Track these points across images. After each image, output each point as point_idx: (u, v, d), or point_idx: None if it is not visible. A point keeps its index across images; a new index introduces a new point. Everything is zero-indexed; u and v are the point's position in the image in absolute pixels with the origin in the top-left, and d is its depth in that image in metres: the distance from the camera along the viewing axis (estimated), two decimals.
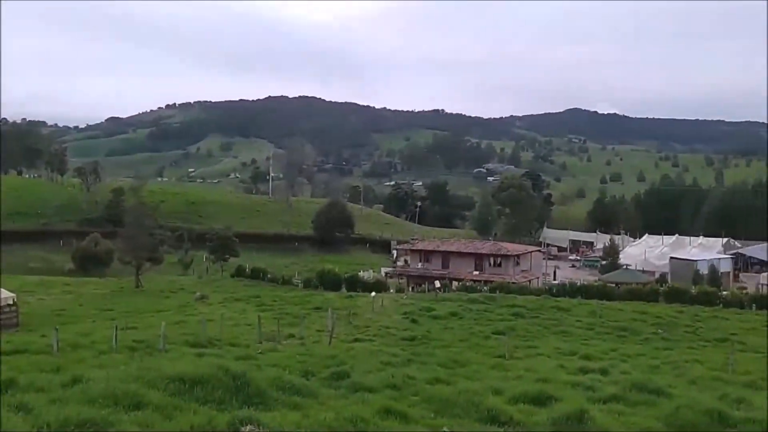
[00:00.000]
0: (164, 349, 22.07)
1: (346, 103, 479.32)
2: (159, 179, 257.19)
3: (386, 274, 68.33)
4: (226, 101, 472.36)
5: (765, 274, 75.70)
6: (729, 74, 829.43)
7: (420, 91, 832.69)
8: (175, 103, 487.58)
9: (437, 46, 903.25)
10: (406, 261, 75.25)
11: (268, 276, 63.06)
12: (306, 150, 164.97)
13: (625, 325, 37.65)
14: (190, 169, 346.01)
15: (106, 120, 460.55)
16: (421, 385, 11.94)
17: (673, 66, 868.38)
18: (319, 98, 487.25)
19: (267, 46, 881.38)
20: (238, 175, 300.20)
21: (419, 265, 69.23)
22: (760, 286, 65.85)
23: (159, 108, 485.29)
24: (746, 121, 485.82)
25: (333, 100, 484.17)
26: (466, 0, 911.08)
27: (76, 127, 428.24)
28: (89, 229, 78.85)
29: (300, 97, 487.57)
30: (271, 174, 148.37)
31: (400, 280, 64.35)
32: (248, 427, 7.34)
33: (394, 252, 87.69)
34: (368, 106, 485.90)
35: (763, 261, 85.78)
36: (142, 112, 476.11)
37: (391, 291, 54.18)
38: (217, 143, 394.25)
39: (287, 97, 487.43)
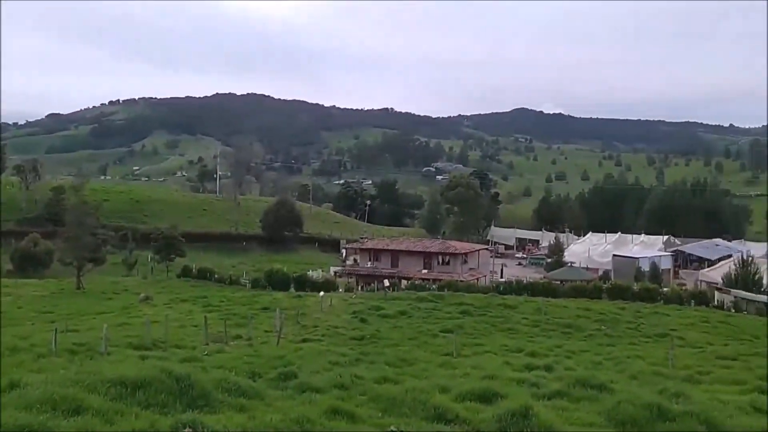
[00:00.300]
0: (106, 352, 21.59)
1: (295, 101, 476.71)
2: (102, 177, 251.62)
3: (335, 273, 68.17)
4: (171, 98, 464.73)
5: (704, 270, 78.23)
6: (669, 76, 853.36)
7: (369, 90, 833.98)
8: (118, 100, 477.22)
9: (387, 45, 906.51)
10: (355, 260, 75.21)
11: (216, 276, 62.22)
12: (254, 148, 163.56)
13: (570, 322, 38.43)
14: (135, 167, 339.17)
15: (46, 116, 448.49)
16: (369, 384, 11.93)
17: (616, 68, 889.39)
18: (268, 96, 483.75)
19: (214, 43, 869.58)
20: (184, 173, 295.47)
21: (369, 264, 69.33)
22: (698, 283, 67.98)
23: (102, 104, 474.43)
24: (685, 122, 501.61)
25: (282, 98, 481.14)
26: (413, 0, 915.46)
27: (15, 124, 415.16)
28: (28, 229, 76.31)
29: (248, 94, 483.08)
30: (219, 172, 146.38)
31: (350, 280, 64.29)
32: (187, 430, 7.21)
33: (344, 251, 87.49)
34: (318, 104, 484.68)
35: (701, 258, 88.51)
36: (84, 109, 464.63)
37: (341, 290, 54.09)
38: (162, 141, 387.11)
39: (235, 94, 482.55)
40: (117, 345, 23.60)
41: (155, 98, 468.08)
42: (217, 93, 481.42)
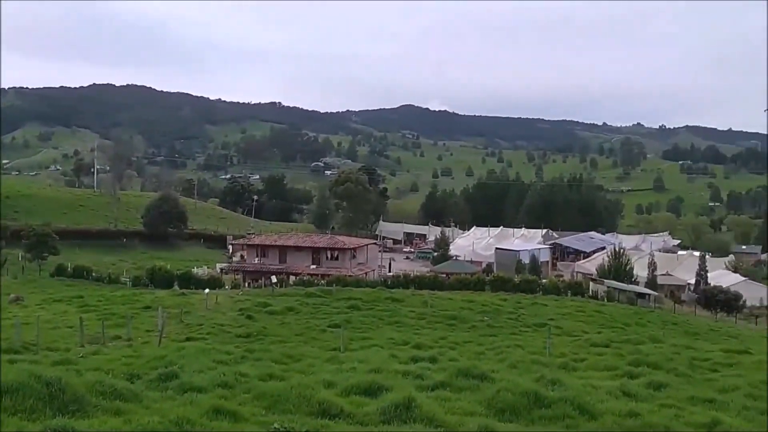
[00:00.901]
0: None
1: (178, 93, 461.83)
2: None
3: (222, 270, 66.77)
4: (45, 88, 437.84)
5: (579, 262, 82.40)
6: (546, 76, 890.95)
7: (256, 83, 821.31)
8: None
9: (273, 40, 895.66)
10: (242, 256, 73.96)
11: (93, 275, 59.37)
12: (135, 141, 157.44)
13: (455, 314, 39.43)
14: (5, 161, 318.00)
15: None
16: (253, 382, 11.74)
17: (497, 67, 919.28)
18: (149, 87, 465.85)
19: (91, 33, 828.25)
20: (59, 167, 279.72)
21: (256, 260, 68.34)
22: (575, 274, 71.55)
23: None
24: (562, 120, 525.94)
25: (164, 90, 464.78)
26: None
27: None
28: None
29: (128, 85, 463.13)
30: (96, 166, 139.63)
31: (236, 276, 63.16)
32: None
33: (230, 247, 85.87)
34: (202, 97, 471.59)
35: (577, 250, 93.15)
36: None
37: (227, 287, 52.97)
38: (35, 133, 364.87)
39: (114, 85, 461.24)
40: None
41: (27, 88, 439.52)
42: (94, 83, 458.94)
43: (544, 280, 56.99)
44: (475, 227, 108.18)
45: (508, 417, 9.07)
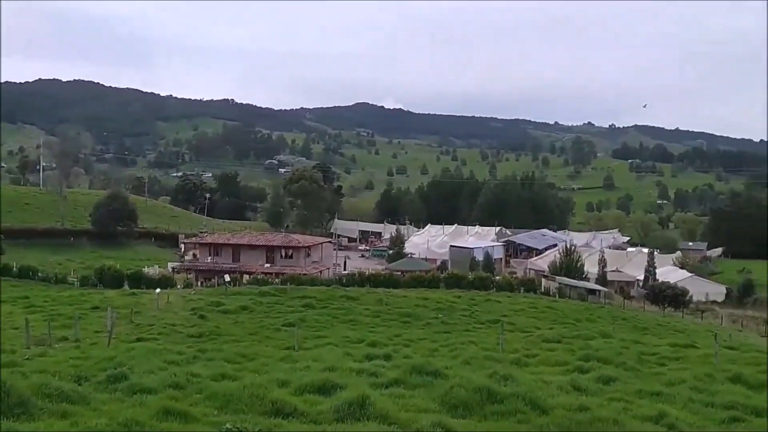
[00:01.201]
0: None
1: (127, 89, 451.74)
2: None
3: (173, 269, 65.73)
4: None
5: (532, 259, 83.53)
6: (500, 75, 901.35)
7: (208, 80, 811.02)
8: None
9: (225, 35, 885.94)
10: (194, 255, 72.92)
11: (39, 274, 57.71)
12: (82, 138, 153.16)
13: (409, 311, 39.60)
14: None
15: None
16: (205, 382, 11.59)
17: (451, 65, 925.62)
18: (97, 83, 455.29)
19: (36, 26, 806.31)
20: (3, 164, 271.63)
21: (209, 259, 67.48)
22: (527, 271, 72.52)
23: None
24: (515, 119, 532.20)
25: (113, 86, 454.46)
26: None
27: None
28: None
29: (75, 81, 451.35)
30: (42, 163, 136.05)
31: (189, 275, 62.26)
32: None
33: (182, 246, 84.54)
34: (152, 93, 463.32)
35: (530, 248, 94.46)
36: None
37: (179, 287, 52.16)
38: None
39: (60, 80, 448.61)
40: None
41: None
42: (40, 79, 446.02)
43: (497, 277, 57.61)
44: (429, 225, 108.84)
45: (461, 413, 9.14)
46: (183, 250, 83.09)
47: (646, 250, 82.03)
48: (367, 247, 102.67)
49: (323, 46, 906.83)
